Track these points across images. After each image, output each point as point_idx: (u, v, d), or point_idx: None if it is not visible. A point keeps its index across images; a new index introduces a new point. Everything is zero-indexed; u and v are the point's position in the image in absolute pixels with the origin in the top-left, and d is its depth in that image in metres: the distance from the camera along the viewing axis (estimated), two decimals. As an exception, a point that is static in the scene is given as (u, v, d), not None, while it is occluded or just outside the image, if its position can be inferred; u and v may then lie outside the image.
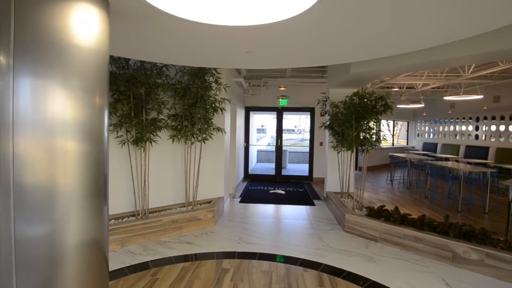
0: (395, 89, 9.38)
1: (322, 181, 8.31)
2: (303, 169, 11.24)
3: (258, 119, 16.52)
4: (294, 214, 5.48)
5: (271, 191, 7.42)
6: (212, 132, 4.70)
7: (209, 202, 4.99)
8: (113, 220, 3.99)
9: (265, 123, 23.24)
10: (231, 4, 1.85)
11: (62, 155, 1.46)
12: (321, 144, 8.87)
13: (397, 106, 9.64)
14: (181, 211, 4.44)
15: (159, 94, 4.21)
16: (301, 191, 7.57)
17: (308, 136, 9.63)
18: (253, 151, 12.08)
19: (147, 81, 3.91)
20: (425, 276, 3.15)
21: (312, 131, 9.03)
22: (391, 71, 4.62)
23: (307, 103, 8.76)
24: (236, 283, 2.93)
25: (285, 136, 10.18)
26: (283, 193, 7.29)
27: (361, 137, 4.76)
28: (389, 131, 13.94)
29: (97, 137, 1.61)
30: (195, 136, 4.63)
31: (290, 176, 9.75)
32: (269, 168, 11.26)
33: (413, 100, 10.82)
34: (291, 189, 7.72)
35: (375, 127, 4.85)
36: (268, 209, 5.78)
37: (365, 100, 4.79)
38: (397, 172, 9.43)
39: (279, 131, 9.17)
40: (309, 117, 9.13)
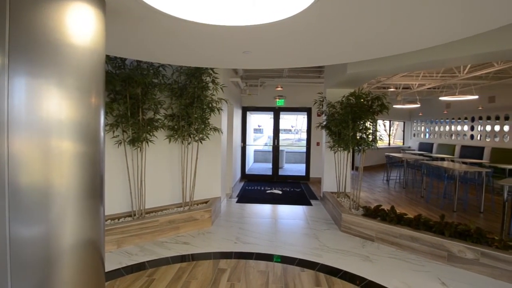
0: (392, 89, 9.43)
1: (319, 181, 8.34)
2: (300, 169, 11.27)
3: (255, 119, 16.52)
4: (291, 214, 5.48)
5: (268, 191, 7.42)
6: (209, 132, 4.70)
7: (206, 202, 4.98)
8: (110, 220, 3.97)
9: (262, 123, 23.24)
10: (228, 4, 1.85)
11: (57, 155, 1.45)
12: (318, 144, 8.89)
13: (393, 106, 9.73)
14: (178, 211, 4.43)
15: (156, 94, 4.20)
16: (298, 191, 7.58)
17: (305, 136, 9.65)
18: (250, 151, 12.08)
19: (144, 81, 3.89)
20: (421, 275, 3.17)
21: (309, 131, 9.05)
22: (388, 71, 4.64)
23: (304, 103, 8.78)
24: (233, 283, 2.93)
25: (282, 136, 10.21)
26: (280, 193, 7.29)
27: (358, 137, 4.78)
28: (386, 131, 14.00)
29: (93, 137, 1.61)
30: (192, 136, 4.62)
31: (287, 176, 9.76)
32: (266, 168, 11.26)
33: (409, 100, 10.89)
34: (288, 189, 7.73)
35: (371, 127, 4.87)
36: (265, 209, 5.78)
37: (362, 100, 4.81)
38: (393, 172, 9.48)
39: (276, 131, 9.18)
40: (306, 117, 9.15)
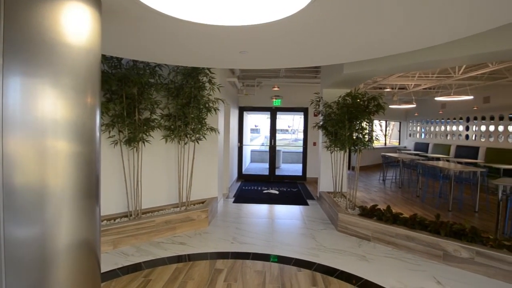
0: (388, 90, 9.49)
1: (315, 181, 8.35)
2: (296, 169, 11.28)
3: (252, 119, 16.52)
4: (287, 214, 5.49)
5: (264, 191, 7.42)
6: (205, 132, 4.69)
7: (203, 202, 4.97)
8: (105, 221, 3.95)
9: (258, 123, 23.24)
10: (225, 4, 1.85)
11: (52, 155, 1.44)
12: (315, 144, 8.91)
13: (389, 106, 9.74)
14: (175, 211, 4.42)
15: (152, 93, 4.18)
16: (294, 191, 7.59)
17: (301, 136, 9.67)
18: (247, 151, 12.08)
19: (140, 80, 3.87)
20: (417, 274, 3.19)
21: (305, 131, 9.06)
22: (384, 71, 4.66)
23: (301, 103, 8.79)
24: (229, 284, 2.92)
25: (278, 136, 10.21)
26: (277, 193, 7.30)
27: (354, 137, 4.79)
28: (382, 131, 14.07)
29: (88, 137, 1.60)
30: (188, 136, 4.61)
31: (283, 176, 9.77)
32: (263, 168, 11.26)
33: (405, 100, 10.95)
34: (285, 189, 7.74)
35: (367, 127, 4.90)
36: (262, 209, 5.78)
37: (358, 100, 4.82)
38: (389, 171, 9.52)
39: (273, 131, 9.18)
40: (303, 117, 9.17)
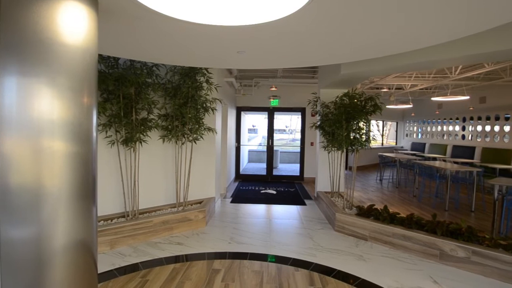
0: (385, 90, 9.52)
1: (313, 181, 8.37)
2: (294, 169, 11.30)
3: (249, 119, 16.53)
4: (285, 214, 5.49)
5: (262, 191, 7.42)
6: (203, 132, 4.68)
7: (200, 202, 4.96)
8: (102, 221, 3.93)
9: (256, 123, 23.26)
10: (223, 3, 1.85)
11: (49, 155, 1.43)
12: (312, 144, 8.93)
13: (386, 106, 9.82)
14: (172, 211, 4.41)
15: (149, 93, 4.17)
16: (292, 191, 7.60)
17: (299, 136, 9.68)
18: (245, 151, 12.07)
19: (137, 80, 3.86)
20: (414, 273, 3.20)
21: (303, 131, 9.07)
22: (381, 72, 4.67)
23: (298, 103, 8.81)
24: (227, 284, 2.92)
25: (276, 136, 10.23)
26: (274, 193, 7.30)
27: (351, 137, 4.80)
28: (379, 131, 14.12)
29: (85, 137, 1.59)
30: (186, 136, 4.60)
31: (281, 176, 9.78)
32: (261, 168, 11.27)
33: (402, 100, 11.01)
34: (282, 189, 7.74)
35: (364, 127, 4.91)
36: (259, 209, 5.78)
37: (355, 100, 4.84)
38: (386, 171, 9.56)
39: (271, 131, 9.19)
40: (300, 117, 9.17)
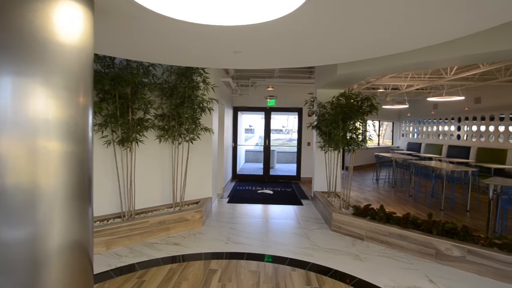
0: (381, 90, 9.57)
1: (309, 181, 8.38)
2: (291, 169, 11.31)
3: (246, 119, 16.52)
4: (282, 213, 5.50)
5: (259, 191, 7.42)
6: (199, 132, 4.67)
7: (197, 202, 4.95)
8: (98, 222, 3.90)
9: (253, 123, 23.23)
10: (220, 3, 1.84)
11: (44, 155, 1.42)
12: (309, 144, 8.95)
13: (383, 106, 9.84)
14: (169, 212, 4.39)
15: (146, 93, 4.15)
16: (289, 190, 7.61)
17: (296, 136, 9.69)
18: (241, 151, 12.08)
19: (133, 80, 3.84)
20: (410, 273, 3.22)
21: (299, 131, 9.09)
22: (377, 72, 4.69)
23: (295, 104, 8.82)
24: (224, 284, 2.92)
25: (273, 136, 10.22)
26: (271, 193, 7.31)
27: (348, 137, 4.82)
28: (375, 131, 14.19)
29: (81, 137, 1.58)
30: (182, 136, 4.58)
31: (278, 176, 9.78)
32: (257, 168, 11.27)
33: (398, 101, 11.06)
34: (279, 189, 7.75)
35: (361, 127, 4.93)
36: (256, 209, 5.78)
37: (352, 100, 4.86)
38: (383, 171, 9.61)
39: (267, 131, 9.19)
40: (297, 117, 9.19)
